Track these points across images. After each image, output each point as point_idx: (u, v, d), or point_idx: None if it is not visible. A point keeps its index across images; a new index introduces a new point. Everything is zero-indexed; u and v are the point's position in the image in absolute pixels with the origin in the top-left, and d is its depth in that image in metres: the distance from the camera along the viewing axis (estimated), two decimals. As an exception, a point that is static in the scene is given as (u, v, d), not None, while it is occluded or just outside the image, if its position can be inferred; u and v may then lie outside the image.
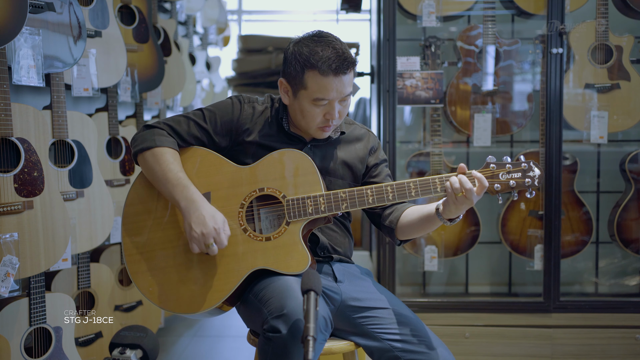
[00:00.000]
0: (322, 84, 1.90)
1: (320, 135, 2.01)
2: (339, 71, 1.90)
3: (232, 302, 1.96)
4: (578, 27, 3.27)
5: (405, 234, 2.04)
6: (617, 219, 3.33)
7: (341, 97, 1.94)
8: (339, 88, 1.92)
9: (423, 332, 1.90)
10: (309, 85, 1.92)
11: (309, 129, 2.00)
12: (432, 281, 3.64)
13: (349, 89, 1.95)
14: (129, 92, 3.20)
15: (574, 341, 3.24)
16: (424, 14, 3.29)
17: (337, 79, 1.90)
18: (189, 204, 1.89)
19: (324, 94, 1.91)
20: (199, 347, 3.66)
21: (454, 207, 1.85)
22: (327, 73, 1.89)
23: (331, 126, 1.99)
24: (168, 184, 1.92)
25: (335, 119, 1.96)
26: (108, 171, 3.08)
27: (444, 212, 1.89)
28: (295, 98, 1.97)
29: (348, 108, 2.00)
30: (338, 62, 1.89)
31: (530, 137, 3.58)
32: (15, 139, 2.27)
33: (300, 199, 1.91)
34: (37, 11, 2.37)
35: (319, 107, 1.94)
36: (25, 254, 2.29)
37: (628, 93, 3.29)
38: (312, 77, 1.91)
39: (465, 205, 1.84)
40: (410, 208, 2.03)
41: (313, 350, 1.48)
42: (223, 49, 6.43)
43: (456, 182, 1.81)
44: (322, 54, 1.90)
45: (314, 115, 1.95)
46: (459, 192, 1.81)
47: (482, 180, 1.83)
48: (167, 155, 1.96)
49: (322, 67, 1.89)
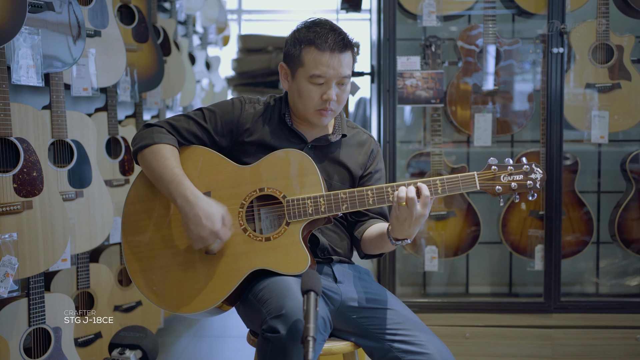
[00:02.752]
0: (319, 59, 1.91)
1: (318, 121, 1.99)
2: (335, 48, 1.90)
3: (231, 302, 1.96)
4: (579, 26, 3.27)
5: (366, 248, 2.05)
6: (618, 219, 3.32)
7: (338, 77, 1.93)
8: (335, 66, 1.91)
9: (423, 332, 1.89)
10: (306, 62, 1.92)
11: (307, 113, 1.98)
12: (432, 281, 3.64)
13: (347, 71, 1.95)
14: (129, 91, 3.19)
15: (575, 342, 3.23)
16: (424, 14, 3.29)
17: (333, 55, 1.91)
18: (184, 203, 1.88)
19: (320, 70, 1.91)
20: (199, 347, 3.66)
21: (396, 222, 1.82)
22: (324, 49, 1.90)
23: (329, 110, 1.96)
24: (164, 180, 1.92)
25: (333, 101, 1.95)
26: (107, 171, 3.08)
27: (391, 230, 1.87)
28: (294, 79, 1.98)
29: (347, 94, 1.99)
30: (335, 39, 1.91)
31: (531, 137, 3.58)
32: (14, 138, 2.26)
33: (301, 199, 1.90)
34: (37, 11, 2.36)
35: (316, 85, 1.93)
36: (25, 254, 2.28)
37: (629, 93, 3.29)
38: (309, 53, 1.92)
39: (407, 222, 1.80)
40: (376, 224, 2.03)
41: (313, 351, 1.47)
42: (223, 48, 6.43)
43: (402, 191, 1.80)
44: (320, 32, 1.92)
45: (311, 95, 1.94)
46: (402, 202, 1.79)
47: (422, 189, 1.80)
48: (164, 151, 1.95)
49: (319, 42, 1.90)
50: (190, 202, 1.87)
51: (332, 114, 1.99)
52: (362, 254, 2.09)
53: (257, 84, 6.06)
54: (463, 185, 1.85)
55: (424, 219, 1.82)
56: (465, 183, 1.85)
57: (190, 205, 1.87)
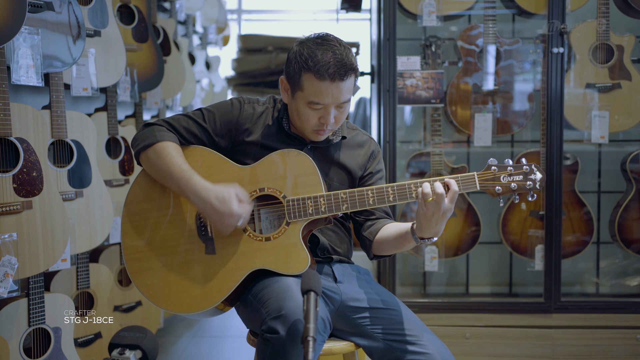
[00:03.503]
0: (318, 88, 1.88)
1: (315, 138, 1.99)
2: (335, 77, 1.86)
3: (231, 302, 1.96)
4: (579, 26, 3.26)
5: (380, 249, 2.03)
6: (618, 219, 3.32)
7: (337, 103, 1.91)
8: (334, 94, 1.88)
9: (423, 332, 1.89)
10: (305, 88, 1.90)
11: (305, 131, 1.98)
12: (432, 281, 3.64)
13: (347, 96, 1.92)
14: (129, 91, 3.19)
15: (575, 342, 3.23)
16: (424, 14, 3.28)
17: (333, 84, 1.87)
18: (196, 199, 1.89)
19: (318, 98, 1.89)
20: (199, 347, 3.65)
21: (424, 219, 1.81)
22: (324, 77, 1.86)
23: (326, 130, 1.96)
24: (173, 177, 1.91)
25: (330, 124, 1.93)
26: (107, 171, 3.07)
27: (417, 228, 1.86)
28: (293, 98, 1.96)
29: (346, 114, 1.98)
30: (335, 68, 1.86)
31: (531, 136, 3.57)
32: (14, 138, 2.26)
33: (301, 199, 1.90)
34: (36, 10, 2.36)
35: (314, 110, 1.92)
36: (24, 254, 2.28)
37: (629, 93, 3.29)
38: (308, 80, 1.88)
39: (434, 218, 1.79)
40: (390, 224, 2.02)
41: (313, 351, 1.47)
42: (223, 48, 6.43)
43: (427, 187, 1.79)
44: (320, 57, 1.86)
45: (309, 118, 1.93)
46: (428, 197, 1.78)
47: (452, 185, 1.80)
48: (169, 149, 1.95)
49: (318, 70, 1.86)
50: (202, 197, 1.87)
51: (330, 132, 2.00)
52: (372, 255, 2.07)
53: (257, 84, 6.05)
54: (463, 185, 1.85)
55: (450, 214, 1.81)
56: (465, 183, 1.85)
57: (203, 200, 1.87)
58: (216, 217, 1.87)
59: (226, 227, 1.88)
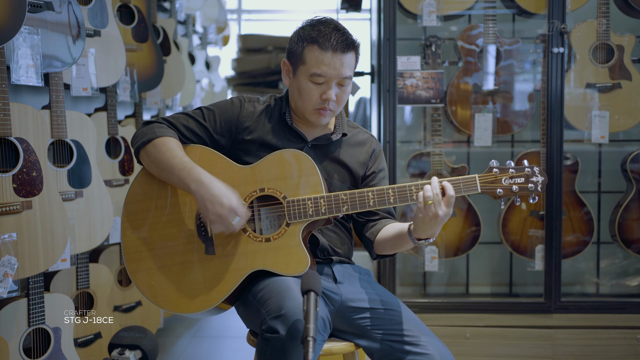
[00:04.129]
0: (320, 59, 1.90)
1: (317, 120, 1.98)
2: (338, 48, 1.90)
3: (231, 301, 1.96)
4: (579, 26, 3.26)
5: (381, 249, 2.03)
6: (619, 219, 3.32)
7: (339, 77, 1.92)
8: (336, 66, 1.91)
9: (423, 333, 1.89)
10: (307, 60, 1.92)
11: (306, 112, 1.97)
12: (432, 281, 3.63)
13: (348, 72, 1.94)
14: (128, 91, 3.19)
15: (575, 342, 3.23)
16: (424, 13, 3.28)
17: (335, 56, 1.90)
18: (198, 186, 1.86)
19: (321, 69, 1.90)
20: (199, 347, 3.65)
21: (421, 222, 1.82)
22: (327, 48, 1.90)
23: (327, 110, 1.96)
24: (174, 169, 1.90)
25: (332, 101, 1.94)
26: (107, 171, 3.07)
27: (414, 229, 1.86)
28: (295, 76, 1.97)
29: (347, 94, 1.99)
30: (338, 39, 1.90)
31: (531, 136, 3.57)
32: (13, 138, 2.26)
33: (301, 200, 1.90)
34: (36, 10, 2.35)
35: (316, 85, 1.93)
36: (24, 254, 2.28)
37: (629, 93, 3.28)
38: (311, 51, 1.92)
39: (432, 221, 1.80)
40: (390, 224, 2.02)
41: (313, 351, 1.47)
42: (222, 48, 6.43)
43: (428, 190, 1.79)
44: (323, 30, 1.92)
45: (311, 93, 1.94)
46: (428, 201, 1.79)
47: (447, 189, 1.80)
48: (169, 143, 1.94)
49: (322, 41, 1.90)
50: (205, 185, 1.86)
51: (331, 114, 1.99)
52: (375, 255, 2.07)
53: (257, 84, 6.05)
54: (464, 187, 1.85)
55: (447, 218, 1.82)
56: (467, 185, 1.85)
57: (206, 187, 1.85)
58: (213, 207, 1.84)
59: (219, 221, 1.85)
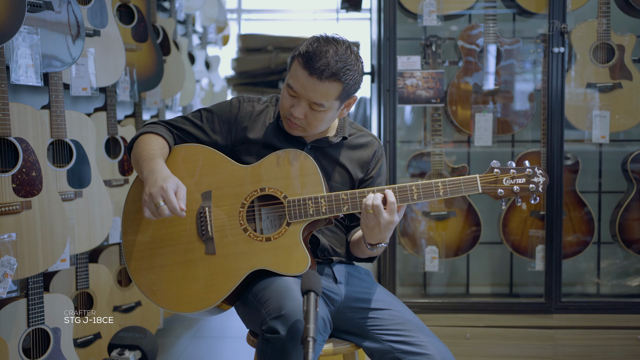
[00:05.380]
0: (295, 73, 1.88)
1: (288, 128, 1.97)
2: (314, 72, 1.84)
3: (231, 301, 1.95)
4: (579, 26, 3.26)
5: (353, 252, 2.07)
6: (619, 219, 3.31)
7: (307, 98, 1.88)
8: (307, 87, 1.86)
9: (424, 333, 1.88)
10: (291, 68, 1.91)
11: (283, 117, 1.98)
12: (432, 282, 3.63)
13: (318, 99, 1.86)
14: (128, 91, 3.18)
15: (576, 342, 3.22)
16: (424, 13, 3.28)
17: (310, 78, 1.85)
18: (149, 173, 1.86)
19: (292, 81, 1.89)
20: (198, 348, 3.65)
21: (365, 229, 1.85)
22: (305, 67, 1.85)
23: (295, 124, 1.93)
24: (143, 160, 1.91)
25: (297, 118, 1.91)
26: (107, 171, 3.07)
27: (363, 234, 1.89)
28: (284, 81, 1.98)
29: (320, 120, 1.92)
30: (321, 65, 1.83)
31: (532, 136, 3.57)
32: (13, 138, 2.25)
33: (302, 199, 1.90)
34: (36, 10, 2.35)
35: (289, 95, 1.91)
36: (24, 255, 2.27)
37: (630, 92, 3.28)
38: (296, 62, 1.90)
39: (375, 227, 1.82)
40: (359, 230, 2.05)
41: (313, 351, 1.47)
42: (222, 48, 6.42)
43: (369, 199, 1.81)
44: (315, 48, 1.86)
45: (284, 101, 1.93)
46: (368, 209, 1.81)
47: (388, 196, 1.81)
48: (147, 139, 1.97)
49: (306, 59, 1.85)
50: (154, 171, 1.85)
51: (302, 130, 1.96)
52: (353, 257, 2.11)
53: (257, 84, 6.05)
54: (465, 188, 1.85)
55: (393, 226, 1.83)
56: (467, 186, 1.85)
57: (154, 173, 1.84)
58: (147, 188, 1.81)
59: (148, 200, 1.80)
